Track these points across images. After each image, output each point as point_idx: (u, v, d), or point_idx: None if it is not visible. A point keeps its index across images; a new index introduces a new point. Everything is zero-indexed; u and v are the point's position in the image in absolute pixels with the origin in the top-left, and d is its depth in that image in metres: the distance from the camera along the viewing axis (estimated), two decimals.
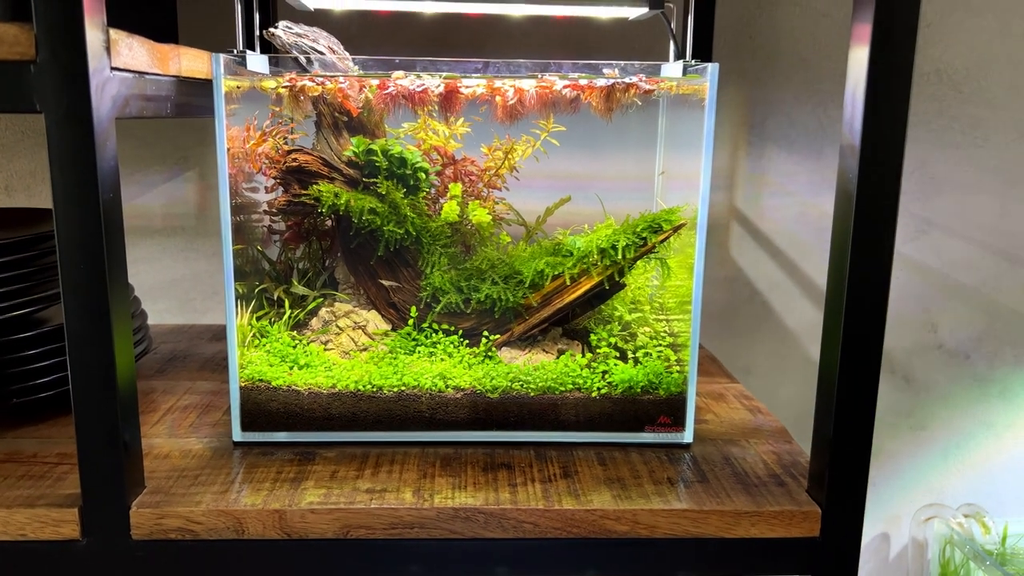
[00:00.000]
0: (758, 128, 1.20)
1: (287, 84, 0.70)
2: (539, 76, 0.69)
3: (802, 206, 1.22)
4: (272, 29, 0.75)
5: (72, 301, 0.58)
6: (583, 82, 0.69)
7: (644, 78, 0.68)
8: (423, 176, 0.77)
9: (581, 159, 0.84)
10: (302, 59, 0.76)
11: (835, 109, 1.18)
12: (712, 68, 0.67)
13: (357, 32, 1.11)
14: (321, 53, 0.76)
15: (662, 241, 0.72)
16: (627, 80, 0.68)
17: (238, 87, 0.72)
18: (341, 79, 0.71)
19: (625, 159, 0.85)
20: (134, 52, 0.61)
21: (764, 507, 0.63)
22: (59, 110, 0.55)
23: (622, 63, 0.68)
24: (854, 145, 0.58)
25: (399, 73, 0.70)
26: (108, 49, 0.57)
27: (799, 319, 1.26)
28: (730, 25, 1.15)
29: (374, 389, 0.73)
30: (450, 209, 0.77)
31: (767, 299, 1.25)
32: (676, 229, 0.72)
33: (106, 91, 0.57)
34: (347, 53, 0.78)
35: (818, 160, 1.21)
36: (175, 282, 1.20)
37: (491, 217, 0.77)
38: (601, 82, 0.68)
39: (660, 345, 0.77)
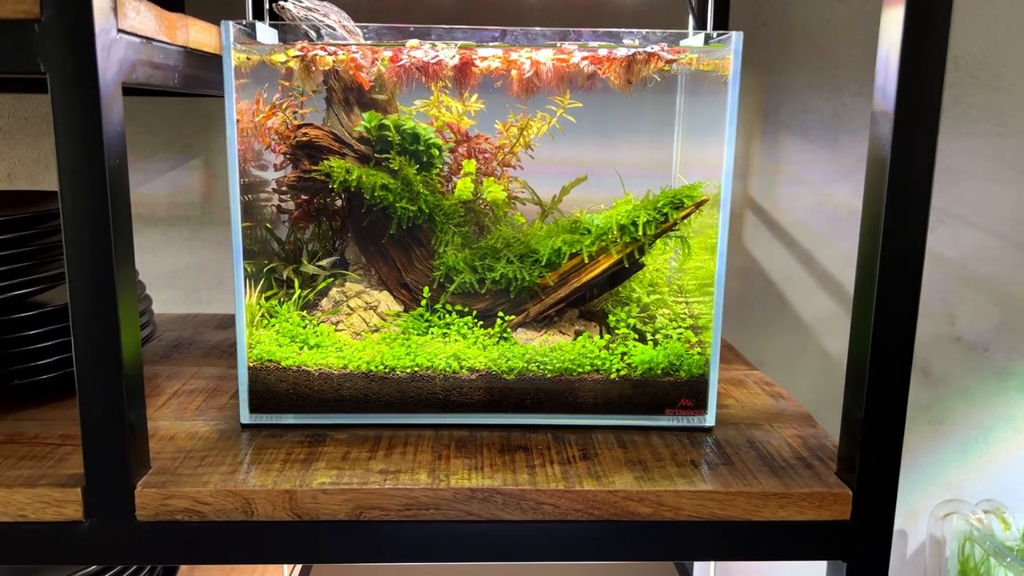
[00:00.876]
0: (772, 116, 1.18)
1: (298, 53, 0.68)
2: (558, 45, 0.67)
3: (817, 196, 1.20)
4: (282, 2, 0.73)
5: (77, 272, 0.56)
6: (603, 52, 0.67)
7: (666, 47, 0.66)
8: (436, 153, 0.75)
9: (597, 138, 0.82)
10: (312, 33, 0.74)
11: (850, 96, 1.17)
12: (736, 36, 0.65)
13: (367, 17, 1.10)
14: (332, 28, 0.74)
15: (684, 217, 0.70)
16: (648, 50, 0.66)
17: (248, 59, 0.70)
18: (353, 48, 0.69)
19: (642, 139, 0.83)
20: (141, 16, 0.59)
21: (793, 488, 0.61)
22: (64, 71, 0.53)
23: (643, 31, 0.66)
24: (887, 110, 0.56)
25: (413, 42, 0.68)
26: (115, 10, 0.55)
27: (814, 311, 1.23)
28: (744, 11, 1.13)
29: (386, 370, 0.70)
30: (464, 186, 0.75)
31: (781, 290, 1.23)
32: (698, 205, 0.70)
33: (112, 53, 0.55)
34: (357, 29, 0.76)
35: (833, 149, 1.19)
36: (180, 272, 1.18)
37: (506, 195, 0.75)
38: (622, 52, 0.66)
39: (680, 327, 0.74)
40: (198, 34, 0.70)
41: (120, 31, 0.56)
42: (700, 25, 0.81)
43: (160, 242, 1.18)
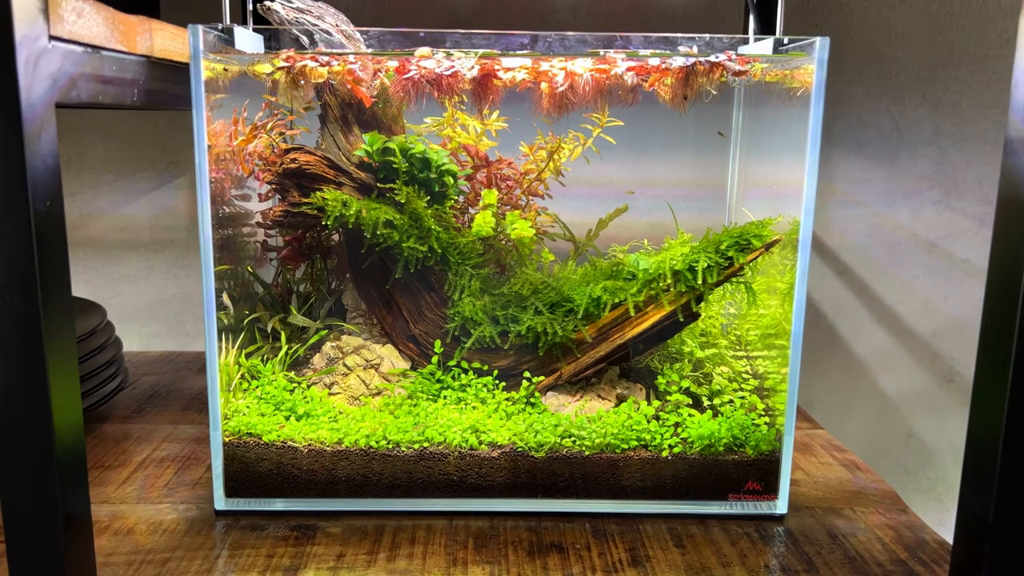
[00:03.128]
0: (824, 129, 1.05)
1: (284, 64, 0.56)
2: (601, 53, 0.55)
3: (874, 218, 1.07)
4: (268, 2, 0.61)
5: None
6: (654, 62, 0.55)
7: (734, 56, 0.54)
8: (450, 181, 0.63)
9: (636, 161, 0.70)
10: (304, 39, 0.62)
11: (912, 108, 1.04)
12: (821, 42, 0.52)
13: (370, 20, 0.98)
14: (327, 33, 0.63)
15: (751, 260, 0.58)
16: (713, 59, 0.53)
17: (225, 70, 0.58)
18: (351, 58, 0.57)
19: (690, 161, 0.71)
20: (85, 19, 0.47)
21: None
22: None
23: (707, 36, 0.54)
24: None
25: (424, 50, 0.56)
26: (45, 12, 0.43)
27: (868, 346, 1.10)
28: (794, 12, 1.01)
29: (390, 445, 0.58)
30: (483, 221, 0.63)
31: (832, 323, 1.10)
32: (768, 247, 0.58)
33: (41, 66, 0.43)
34: (357, 34, 0.64)
35: (892, 167, 1.06)
36: (164, 303, 1.07)
37: (534, 231, 0.63)
38: (679, 61, 0.54)
39: (743, 390, 0.62)
40: (165, 40, 0.59)
41: (53, 38, 0.44)
42: (765, 29, 0.69)
43: (142, 270, 1.06)
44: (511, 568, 0.52)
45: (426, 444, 0.58)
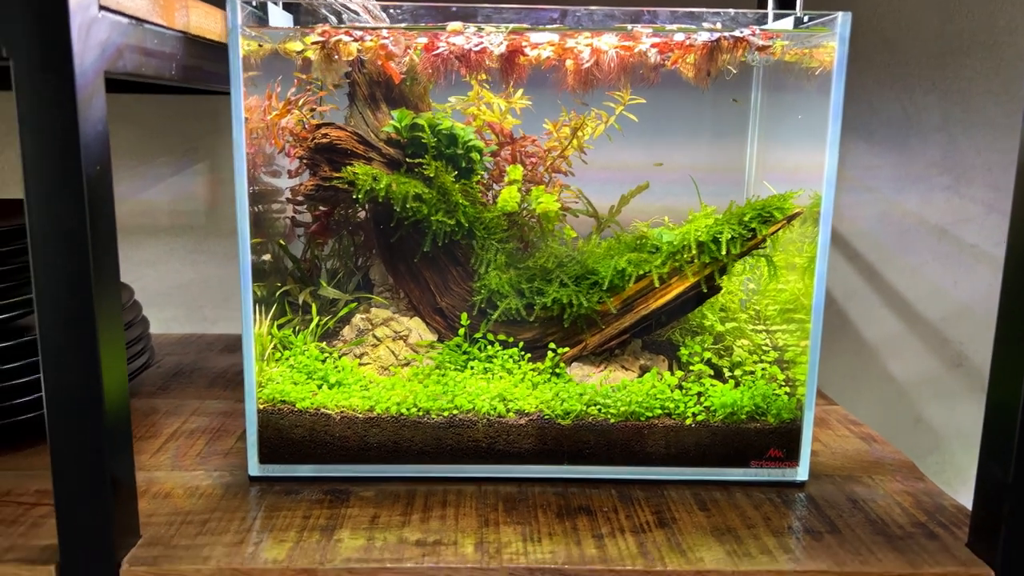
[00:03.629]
0: None
1: (319, 39, 0.57)
2: (629, 28, 0.56)
3: (884, 204, 1.08)
4: None
5: (47, 301, 0.45)
6: (678, 37, 0.56)
7: (758, 31, 0.55)
8: (476, 157, 0.64)
9: (657, 140, 0.72)
10: (332, 19, 0.64)
11: (922, 96, 1.05)
12: (843, 18, 0.54)
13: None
14: (355, 12, 0.64)
15: (773, 232, 0.59)
16: (737, 34, 0.55)
17: (260, 47, 0.59)
18: (384, 32, 0.58)
19: (709, 140, 0.73)
20: None
21: (922, 568, 0.50)
22: (32, 55, 0.42)
23: (731, 11, 0.55)
24: None
25: (455, 25, 0.57)
26: None
27: (879, 331, 1.12)
28: (806, 2, 1.02)
29: (420, 413, 0.60)
30: (509, 196, 0.64)
31: (843, 308, 1.12)
32: (790, 219, 0.59)
33: (92, 34, 0.44)
34: (384, 16, 0.65)
35: (902, 153, 1.07)
36: (183, 288, 1.08)
37: (559, 206, 0.65)
38: (703, 36, 0.55)
39: (763, 362, 0.63)
40: (200, 18, 0.60)
41: (103, 8, 0.46)
42: (783, 3, 0.70)
43: (162, 254, 1.07)
44: (542, 528, 0.53)
45: (455, 412, 0.60)
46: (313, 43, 0.57)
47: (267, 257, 0.63)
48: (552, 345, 0.63)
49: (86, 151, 0.44)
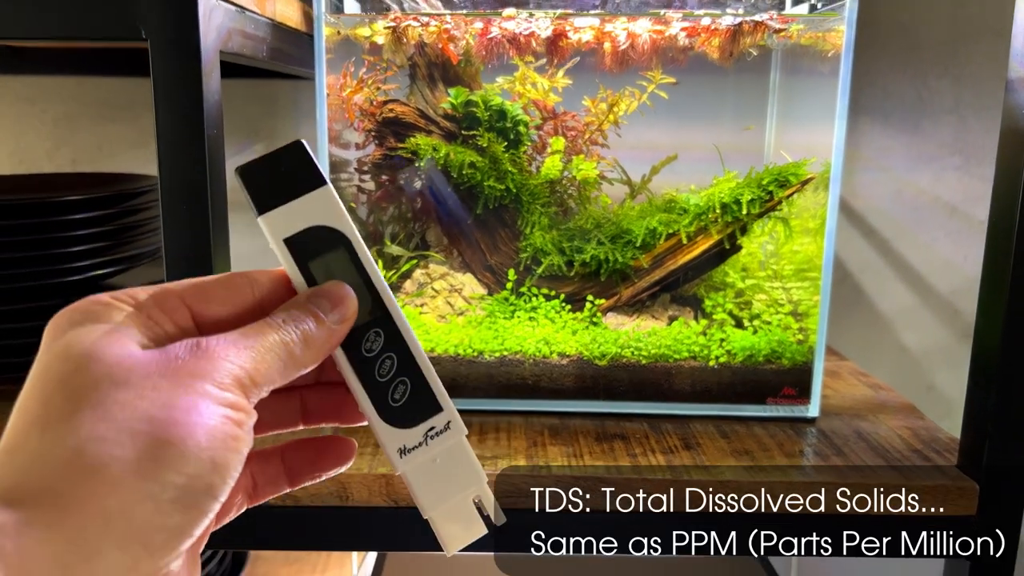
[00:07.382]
0: (851, 99, 1.13)
1: (391, 24, 0.66)
2: (662, 13, 0.64)
3: (897, 183, 1.15)
4: None
5: (173, 246, 0.54)
6: (705, 21, 0.64)
7: (775, 16, 0.63)
8: (523, 130, 0.72)
9: (684, 117, 0.79)
10: (395, 7, 0.72)
11: (935, 79, 1.12)
12: (851, 3, 0.61)
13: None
14: (415, 1, 0.72)
15: (789, 195, 0.67)
16: (757, 18, 0.62)
17: (339, 32, 0.68)
18: (448, 19, 0.66)
19: (732, 118, 0.80)
20: None
21: (914, 480, 0.57)
22: (166, 37, 0.51)
23: None
24: None
25: (510, 11, 0.65)
26: None
27: (892, 304, 1.19)
28: None
29: (475, 353, 0.68)
30: (552, 165, 0.72)
31: (858, 281, 1.18)
32: (804, 183, 0.67)
33: (212, 20, 0.53)
34: (438, 2, 0.73)
35: (915, 134, 1.14)
36: (238, 260, 1.17)
37: (597, 173, 0.73)
38: (727, 20, 0.63)
39: (780, 313, 0.71)
40: (283, 7, 0.69)
41: None
42: None
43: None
44: (583, 448, 0.61)
45: (505, 353, 0.68)
46: (385, 28, 0.66)
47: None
48: (590, 297, 0.71)
49: (208, 117, 0.53)
